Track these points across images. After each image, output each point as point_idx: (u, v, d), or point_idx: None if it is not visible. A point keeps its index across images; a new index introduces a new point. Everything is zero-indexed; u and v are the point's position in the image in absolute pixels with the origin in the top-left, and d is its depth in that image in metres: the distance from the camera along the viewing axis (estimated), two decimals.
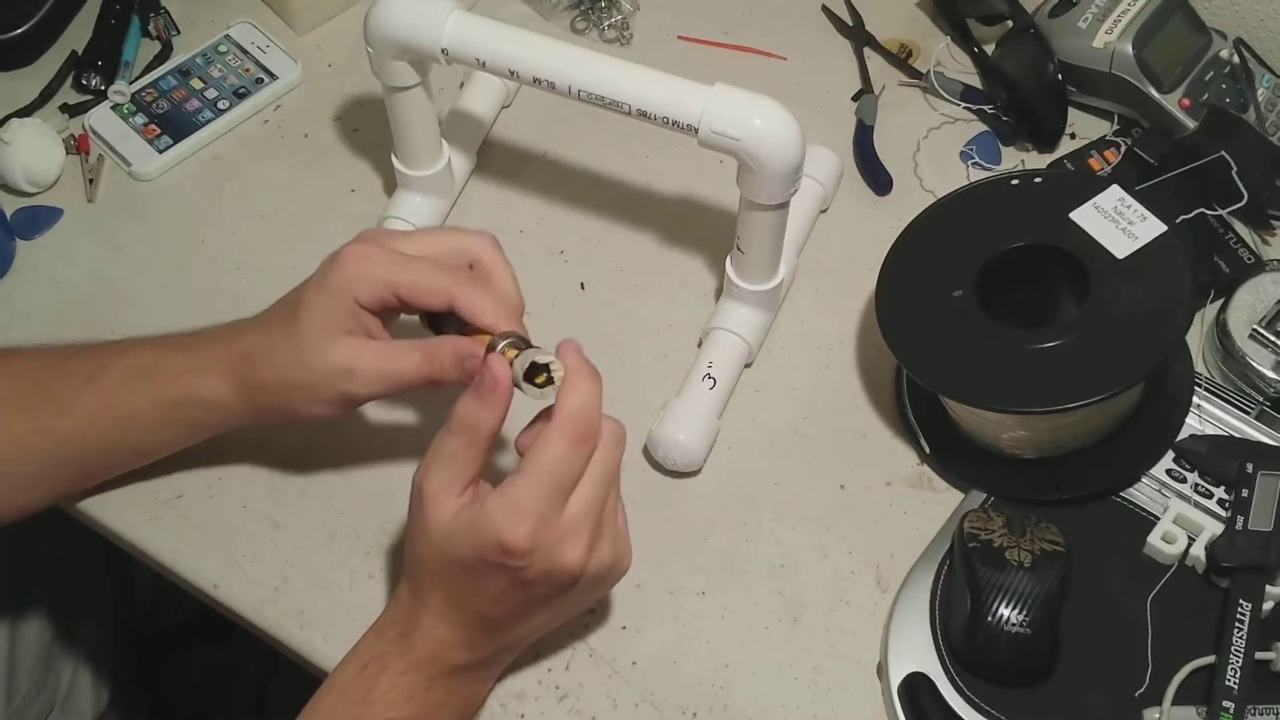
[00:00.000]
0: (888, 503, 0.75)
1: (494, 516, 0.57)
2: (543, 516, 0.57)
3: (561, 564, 0.58)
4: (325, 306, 0.63)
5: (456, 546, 0.58)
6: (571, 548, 0.58)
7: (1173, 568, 0.70)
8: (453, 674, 0.62)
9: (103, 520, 0.73)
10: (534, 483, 0.57)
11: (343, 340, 0.64)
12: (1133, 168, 0.85)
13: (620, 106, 0.68)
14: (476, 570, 0.58)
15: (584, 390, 0.58)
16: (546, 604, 0.61)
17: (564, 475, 0.57)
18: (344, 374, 0.64)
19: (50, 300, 0.82)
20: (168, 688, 1.23)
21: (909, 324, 0.73)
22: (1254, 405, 0.76)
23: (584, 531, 0.58)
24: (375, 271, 0.63)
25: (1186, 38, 0.88)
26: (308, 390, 0.65)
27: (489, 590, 0.59)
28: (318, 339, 0.64)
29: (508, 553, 0.57)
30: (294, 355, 0.64)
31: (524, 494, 0.57)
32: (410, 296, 0.63)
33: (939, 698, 0.66)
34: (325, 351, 0.64)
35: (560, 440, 0.57)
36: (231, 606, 0.71)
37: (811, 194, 0.83)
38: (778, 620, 0.71)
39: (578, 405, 0.58)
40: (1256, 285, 0.79)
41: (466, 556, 0.58)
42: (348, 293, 0.63)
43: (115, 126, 0.88)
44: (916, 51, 0.95)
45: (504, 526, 0.56)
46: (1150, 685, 0.66)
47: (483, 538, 0.57)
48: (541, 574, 0.58)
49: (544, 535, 0.57)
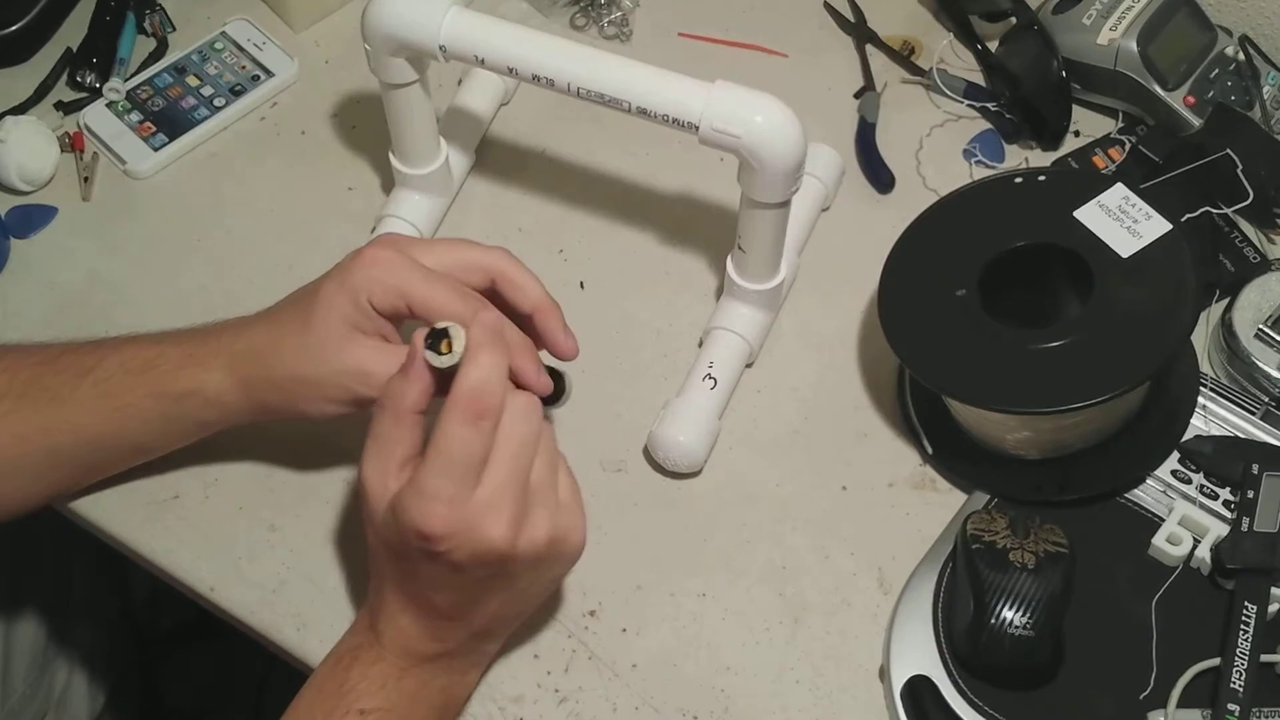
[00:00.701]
0: (890, 504, 0.75)
1: (406, 503, 0.56)
2: (452, 497, 0.56)
3: (485, 543, 0.57)
4: (342, 304, 0.63)
5: (388, 536, 0.58)
6: (492, 525, 0.57)
7: (1178, 569, 0.70)
8: (424, 663, 0.62)
9: (98, 521, 0.73)
10: (436, 464, 0.56)
11: (359, 340, 0.63)
12: (1137, 166, 0.84)
13: (620, 104, 0.67)
14: (409, 558, 0.58)
15: (481, 364, 0.56)
16: (493, 587, 0.60)
17: (465, 454, 0.56)
18: (358, 375, 0.63)
19: (45, 299, 0.81)
20: (164, 690, 1.23)
21: (911, 323, 0.72)
22: (1259, 405, 0.75)
23: (503, 508, 0.57)
24: (393, 279, 0.63)
25: (1191, 35, 0.88)
26: (317, 387, 0.64)
27: (426, 577, 0.59)
28: (333, 336, 0.63)
29: (425, 538, 0.56)
30: (306, 351, 0.64)
31: (427, 477, 0.56)
32: (424, 314, 0.63)
33: (941, 700, 0.66)
34: (341, 350, 0.63)
35: (455, 418, 0.56)
36: (227, 609, 0.71)
37: (813, 192, 0.83)
38: (779, 622, 0.71)
39: (473, 381, 0.56)
40: (1262, 284, 0.79)
41: (396, 546, 0.58)
42: (363, 293, 0.63)
43: (110, 124, 0.87)
44: (919, 48, 0.94)
45: (415, 513, 0.56)
46: (1155, 688, 0.66)
47: (403, 526, 0.57)
48: (469, 556, 0.57)
49: (457, 516, 0.56)
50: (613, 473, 0.75)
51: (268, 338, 0.65)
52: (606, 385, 0.78)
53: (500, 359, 0.57)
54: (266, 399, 0.66)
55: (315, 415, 0.66)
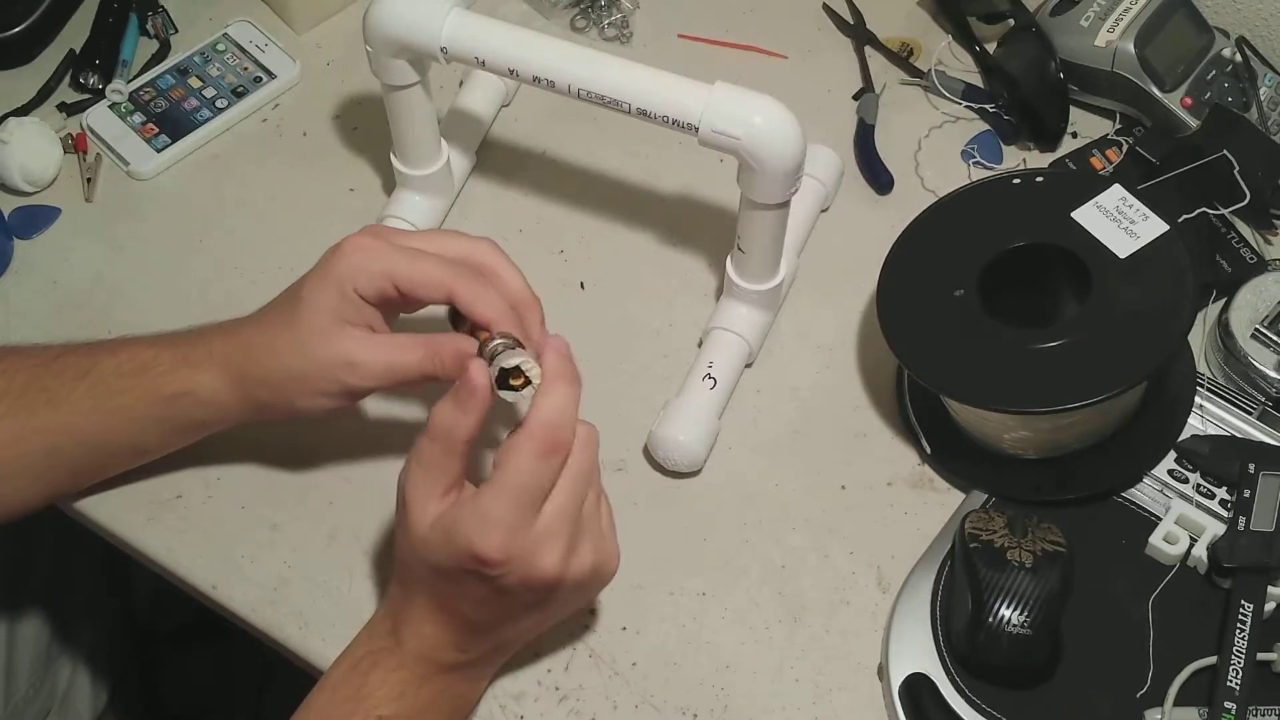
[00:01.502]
0: (888, 503, 0.75)
1: (465, 526, 0.56)
2: (514, 526, 0.56)
3: (538, 572, 0.58)
4: (327, 296, 0.63)
5: (434, 553, 0.58)
6: (547, 555, 0.58)
7: (1174, 568, 0.70)
8: (444, 672, 0.62)
9: (100, 521, 0.73)
10: (504, 493, 0.56)
11: (345, 331, 0.64)
12: (1135, 167, 0.85)
13: (620, 105, 0.68)
14: (455, 576, 0.58)
15: (557, 397, 0.58)
16: (531, 608, 0.61)
17: (534, 485, 0.57)
18: (346, 365, 0.63)
19: (48, 300, 0.82)
20: (166, 688, 1.23)
21: (910, 324, 0.72)
22: (1256, 405, 0.75)
23: (559, 538, 0.58)
24: (375, 263, 0.63)
25: (1189, 36, 0.88)
26: (308, 381, 0.64)
27: (469, 596, 0.59)
28: (320, 329, 0.63)
29: (481, 562, 0.56)
30: (295, 345, 0.64)
31: (493, 504, 0.56)
32: (410, 289, 0.63)
33: (940, 699, 0.66)
34: (328, 342, 0.63)
35: (530, 450, 0.56)
36: (229, 607, 0.71)
37: (812, 193, 0.83)
38: (778, 621, 0.71)
39: (548, 414, 0.57)
40: (1259, 285, 0.79)
41: (444, 563, 0.58)
42: (348, 283, 0.63)
43: (113, 125, 0.88)
44: (918, 50, 0.94)
45: (475, 536, 0.56)
46: (1152, 686, 0.66)
47: (456, 546, 0.57)
48: (519, 582, 0.58)
49: (517, 544, 0.57)
50: (613, 472, 0.75)
51: (257, 336, 0.66)
52: (606, 385, 0.79)
53: (575, 390, 0.58)
54: (259, 396, 0.66)
55: (309, 410, 0.66)
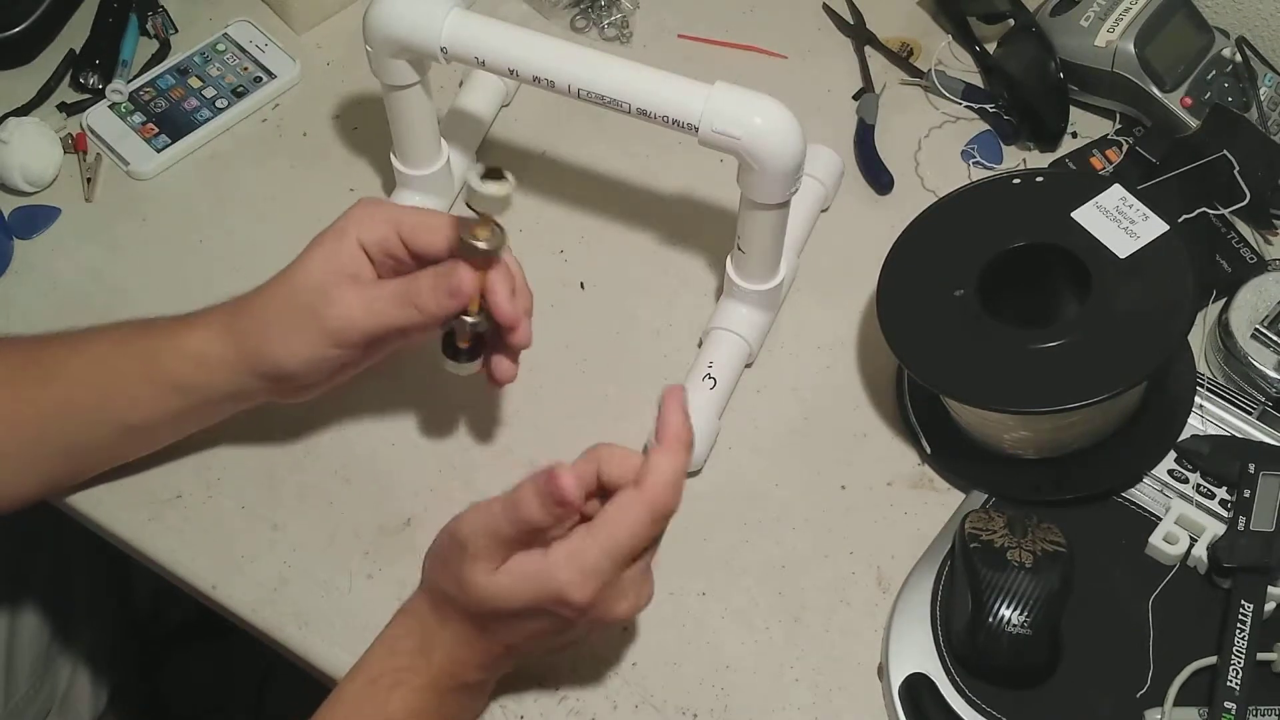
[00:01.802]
0: (889, 503, 0.75)
1: (560, 572, 0.56)
2: (609, 579, 0.57)
3: (611, 616, 0.59)
4: (326, 247, 0.64)
5: (505, 599, 0.58)
6: (624, 603, 0.59)
7: (1174, 568, 0.70)
8: (464, 689, 0.63)
9: (100, 521, 0.73)
10: (609, 547, 0.56)
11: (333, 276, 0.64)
12: (1135, 167, 0.85)
13: (620, 105, 0.68)
14: (523, 615, 0.58)
15: (676, 460, 0.57)
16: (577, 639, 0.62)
17: (637, 545, 0.57)
18: (324, 298, 0.63)
19: (48, 300, 0.82)
20: (166, 688, 1.23)
21: (910, 324, 0.72)
22: (1256, 405, 0.75)
23: (638, 588, 0.60)
24: (381, 211, 0.65)
25: (1189, 36, 0.88)
26: (291, 324, 0.64)
27: (527, 628, 0.60)
28: (309, 270, 0.64)
29: (566, 605, 0.57)
30: (283, 287, 0.65)
31: (597, 557, 0.56)
32: (413, 233, 0.64)
33: (940, 699, 0.66)
34: (312, 279, 0.64)
35: (644, 512, 0.56)
36: (230, 607, 0.71)
37: (812, 193, 0.83)
38: (778, 621, 0.71)
39: (667, 477, 0.57)
40: (1259, 285, 0.79)
41: (516, 607, 0.58)
42: (350, 234, 0.64)
43: (113, 125, 0.88)
44: (918, 50, 0.94)
45: (570, 582, 0.56)
46: (1152, 686, 0.66)
47: (545, 590, 0.57)
48: (589, 623, 0.59)
49: (604, 593, 0.57)
50: None
51: (255, 295, 0.66)
52: (606, 385, 0.79)
53: (688, 457, 0.58)
54: (252, 349, 0.65)
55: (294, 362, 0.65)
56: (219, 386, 0.67)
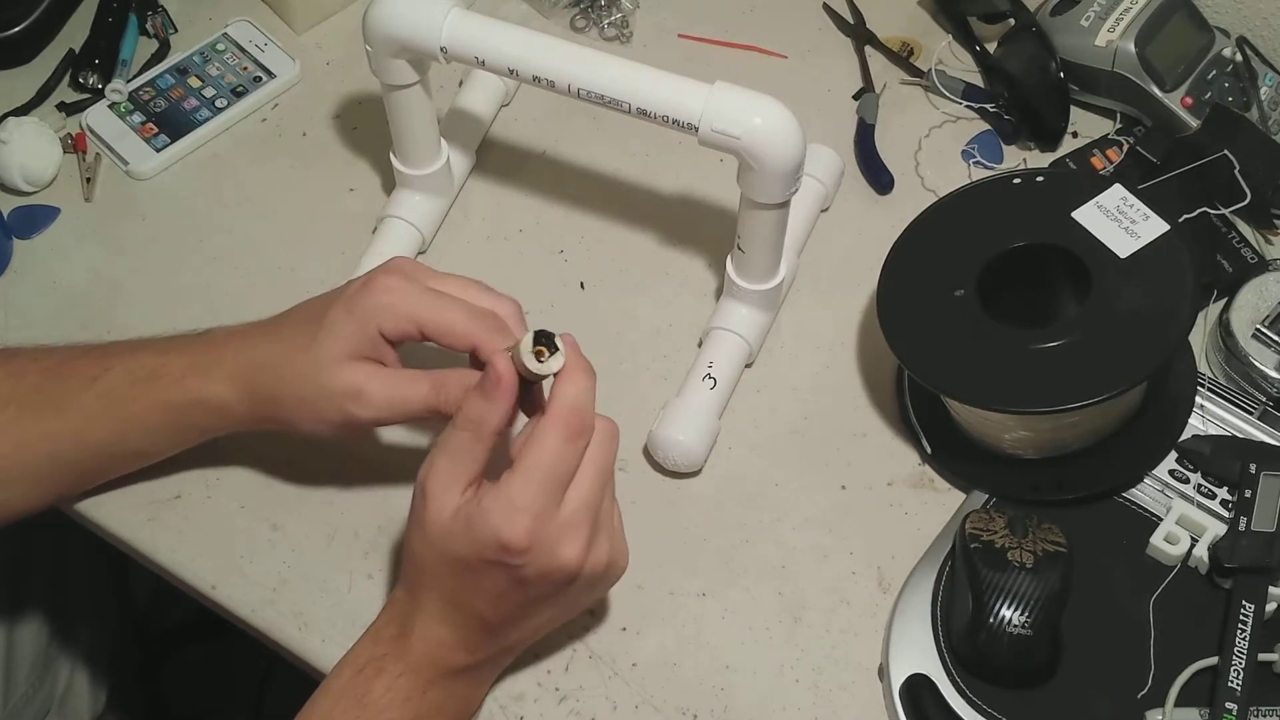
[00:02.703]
0: (889, 503, 0.75)
1: (491, 514, 0.57)
2: (539, 512, 0.57)
3: (559, 562, 0.58)
4: (348, 330, 0.64)
5: (454, 545, 0.58)
6: (569, 545, 0.58)
7: (1175, 569, 0.70)
8: (451, 676, 0.62)
9: (100, 521, 0.73)
10: (529, 478, 0.57)
11: (358, 364, 0.64)
12: (1135, 167, 0.85)
13: (620, 105, 0.68)
14: (474, 569, 0.58)
15: (578, 384, 0.58)
16: (544, 604, 0.61)
17: (559, 470, 0.57)
18: (352, 395, 0.64)
19: (48, 300, 0.82)
20: (165, 688, 1.23)
21: (910, 324, 0.72)
22: (1257, 405, 0.75)
23: (581, 529, 0.58)
24: (404, 306, 0.63)
25: (1189, 36, 0.88)
26: (313, 407, 0.65)
27: (487, 590, 0.59)
28: (335, 358, 0.64)
29: (506, 550, 0.57)
30: (307, 372, 0.64)
31: (520, 489, 0.57)
32: (434, 335, 0.63)
33: (940, 699, 0.66)
34: (340, 372, 0.64)
35: (555, 434, 0.57)
36: (229, 607, 0.71)
37: (812, 193, 0.83)
38: (778, 621, 0.71)
39: (572, 398, 0.58)
40: (1260, 285, 0.79)
41: (464, 555, 0.58)
42: (372, 321, 0.63)
43: (112, 125, 0.88)
44: (918, 50, 0.94)
45: (501, 523, 0.56)
46: (1153, 687, 0.66)
47: (480, 535, 0.57)
48: (539, 572, 0.58)
49: (541, 532, 0.57)
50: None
51: (271, 354, 0.66)
52: (606, 385, 0.78)
53: (592, 380, 0.59)
54: (266, 412, 0.67)
55: (311, 434, 0.67)
56: (234, 429, 0.69)
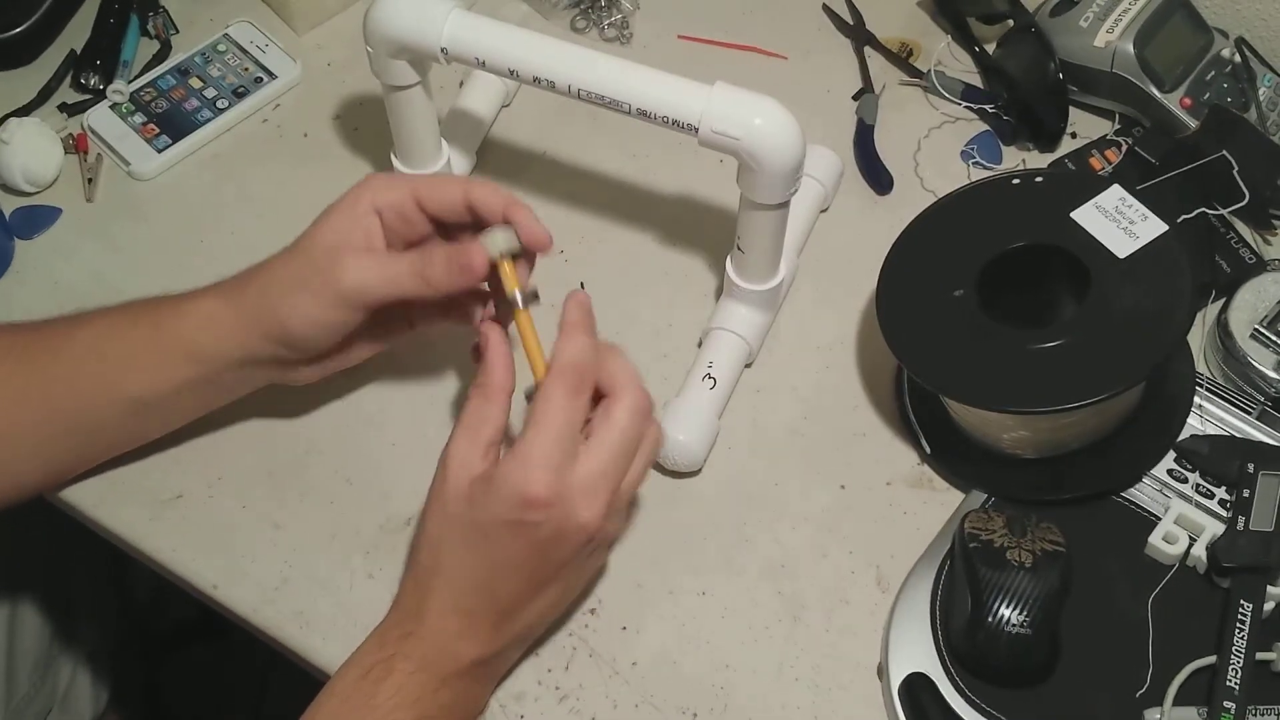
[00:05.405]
0: (888, 503, 0.75)
1: (509, 473, 0.58)
2: (556, 465, 0.58)
3: (577, 521, 0.59)
4: (339, 215, 0.65)
5: (474, 511, 0.60)
6: (586, 506, 0.59)
7: (1174, 568, 0.70)
8: (461, 675, 0.62)
9: (101, 520, 0.73)
10: (541, 432, 0.59)
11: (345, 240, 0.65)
12: (1134, 167, 0.85)
13: (620, 106, 0.68)
14: (492, 537, 0.59)
15: (577, 342, 0.61)
16: (557, 576, 0.62)
17: (568, 422, 0.59)
18: (336, 259, 0.64)
19: (49, 300, 0.82)
20: (167, 688, 1.23)
21: (910, 324, 0.72)
22: (1255, 405, 0.75)
23: (601, 494, 0.60)
24: (395, 179, 0.66)
25: (1188, 37, 0.88)
26: (300, 283, 0.65)
27: (501, 561, 0.60)
28: (321, 235, 0.65)
29: (527, 503, 0.58)
30: (295, 251, 0.66)
31: (534, 445, 0.58)
32: (428, 195, 0.65)
33: (939, 698, 0.66)
34: (324, 243, 0.65)
35: (558, 390, 0.59)
36: (230, 607, 0.71)
37: (812, 193, 0.83)
38: (778, 620, 0.71)
39: (571, 355, 0.60)
40: (1258, 285, 0.79)
41: (483, 520, 0.59)
42: (365, 199, 0.65)
43: (114, 126, 0.88)
44: (917, 50, 0.95)
45: (520, 479, 0.58)
46: (1151, 686, 0.66)
47: (502, 493, 0.58)
48: (556, 530, 0.59)
49: (560, 486, 0.58)
50: None
51: (266, 260, 0.67)
52: None
53: (593, 338, 0.61)
54: (257, 313, 0.66)
55: (301, 337, 0.66)
56: (228, 352, 0.67)
